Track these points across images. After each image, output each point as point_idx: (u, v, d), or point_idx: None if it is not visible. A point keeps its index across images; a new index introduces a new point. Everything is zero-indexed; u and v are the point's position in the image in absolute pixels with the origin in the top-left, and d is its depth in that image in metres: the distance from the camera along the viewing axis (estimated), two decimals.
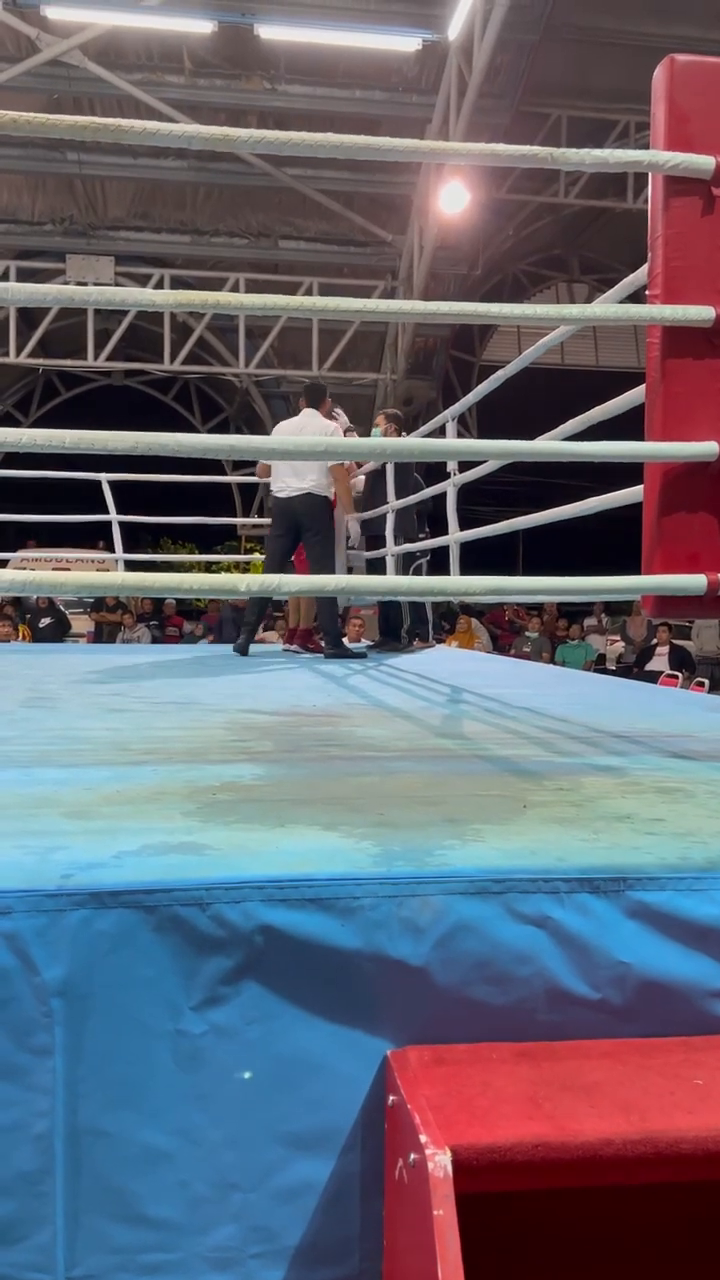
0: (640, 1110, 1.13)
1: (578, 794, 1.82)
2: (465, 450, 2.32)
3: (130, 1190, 1.22)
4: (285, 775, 2.05)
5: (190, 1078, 1.24)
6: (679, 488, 2.15)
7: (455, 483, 5.02)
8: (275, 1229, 1.25)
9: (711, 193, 2.12)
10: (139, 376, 18.38)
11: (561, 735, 2.72)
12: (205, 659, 6.53)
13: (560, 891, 1.31)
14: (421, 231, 14.34)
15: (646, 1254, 1.31)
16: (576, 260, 17.76)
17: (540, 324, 2.27)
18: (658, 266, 2.15)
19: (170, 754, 2.29)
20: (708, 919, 1.33)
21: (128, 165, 13.96)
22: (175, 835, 1.45)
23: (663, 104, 2.16)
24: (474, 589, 2.13)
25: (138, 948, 1.22)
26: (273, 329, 15.45)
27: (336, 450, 2.81)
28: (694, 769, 2.12)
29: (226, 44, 12.29)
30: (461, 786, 1.94)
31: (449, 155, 3.33)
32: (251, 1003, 1.25)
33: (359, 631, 8.65)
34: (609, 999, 1.31)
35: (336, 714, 3.27)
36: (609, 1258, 1.31)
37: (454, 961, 1.28)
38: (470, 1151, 1.06)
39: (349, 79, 12.81)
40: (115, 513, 7.43)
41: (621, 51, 11.62)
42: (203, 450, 1.96)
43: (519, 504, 7.32)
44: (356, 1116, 1.26)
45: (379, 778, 2.03)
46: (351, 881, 1.28)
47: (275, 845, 1.41)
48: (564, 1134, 1.09)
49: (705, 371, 2.14)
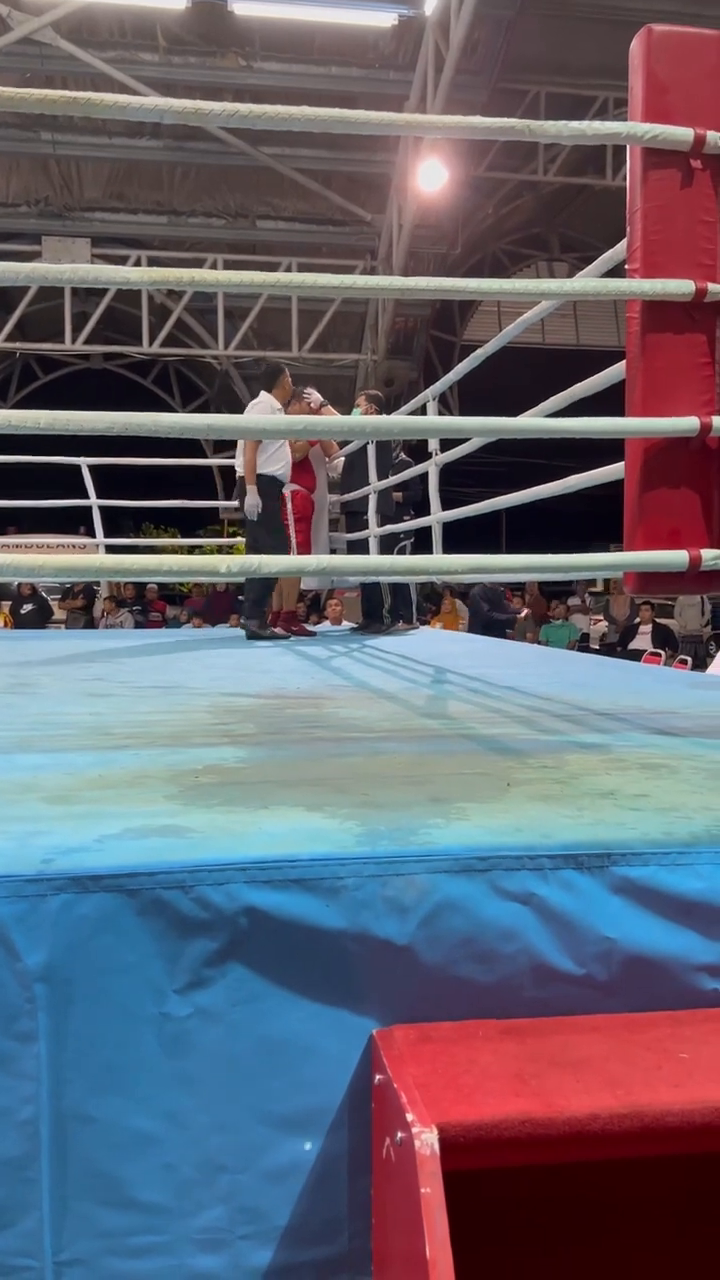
0: (626, 1085, 1.13)
1: (562, 771, 1.82)
2: (446, 428, 2.31)
3: (117, 1174, 1.22)
4: (269, 757, 2.04)
5: (176, 1061, 1.23)
6: (660, 463, 2.14)
7: (437, 462, 5.00)
8: (264, 1210, 1.25)
9: (690, 165, 2.11)
10: (118, 360, 18.22)
11: (545, 714, 2.72)
12: (188, 642, 6.51)
13: (545, 868, 1.31)
14: (400, 210, 14.24)
15: (633, 1228, 1.32)
16: (556, 238, 17.69)
17: (520, 298, 2.25)
18: (637, 240, 2.14)
19: (153, 738, 2.27)
20: (692, 893, 1.33)
21: (103, 145, 13.80)
22: (158, 819, 1.43)
23: (640, 75, 2.14)
24: (455, 567, 2.12)
25: (121, 932, 1.21)
26: (252, 310, 15.34)
27: (317, 428, 2.79)
28: (677, 745, 2.12)
29: (200, 21, 12.14)
30: (446, 766, 1.94)
31: (426, 129, 3.30)
32: (236, 985, 1.24)
33: (339, 612, 8.64)
34: (594, 975, 1.31)
35: (320, 696, 3.26)
36: (597, 1232, 1.32)
37: (439, 940, 1.28)
38: (457, 1129, 1.06)
39: (325, 56, 12.68)
40: (95, 497, 7.38)
41: (600, 26, 11.54)
42: (180, 430, 1.94)
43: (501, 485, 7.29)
44: (343, 1096, 1.26)
45: (363, 758, 2.03)
46: (336, 861, 1.27)
47: (258, 827, 1.40)
48: (551, 1110, 1.09)
49: (685, 346, 2.13)
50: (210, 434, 1.92)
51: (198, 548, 14.72)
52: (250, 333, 15.78)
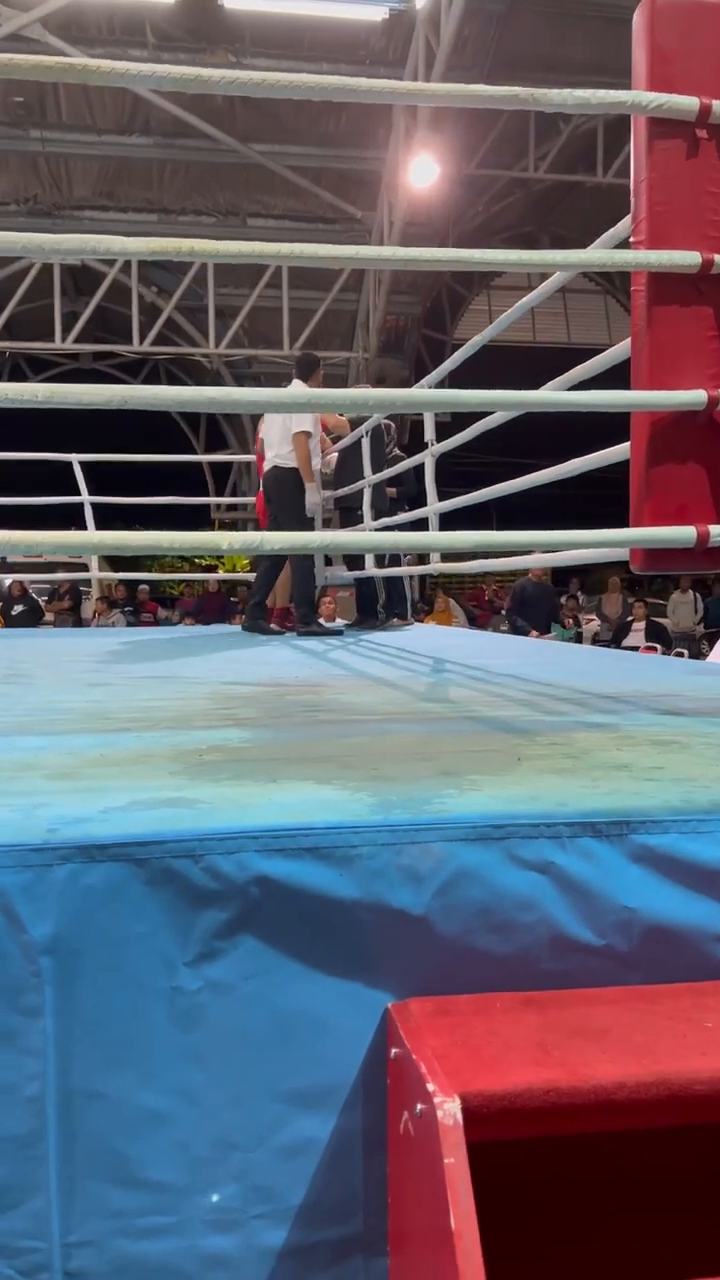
0: (652, 1053, 1.10)
1: (572, 748, 1.79)
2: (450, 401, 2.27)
3: (127, 1153, 1.18)
4: (273, 738, 2.01)
5: (187, 1036, 1.19)
6: (667, 438, 2.11)
7: (434, 453, 4.97)
8: (277, 1189, 1.22)
9: (696, 135, 2.08)
10: (108, 359, 18.15)
11: (549, 697, 2.69)
12: (182, 639, 6.47)
13: (562, 836, 1.28)
14: (391, 208, 14.21)
15: (656, 1199, 1.29)
16: (548, 236, 17.65)
17: (525, 269, 2.22)
18: (642, 211, 2.11)
19: (154, 722, 2.23)
20: (713, 861, 1.30)
21: (92, 143, 13.73)
22: (164, 791, 1.40)
23: (644, 45, 2.11)
24: (458, 543, 2.09)
25: (129, 902, 1.18)
26: (243, 309, 15.30)
27: (319, 401, 2.75)
28: (687, 724, 2.10)
29: (190, 16, 12.10)
30: (453, 744, 1.91)
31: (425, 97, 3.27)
32: (248, 957, 1.21)
33: (332, 610, 8.60)
34: (614, 945, 1.28)
35: (320, 683, 3.23)
36: (618, 1204, 1.29)
37: (455, 910, 1.25)
38: (480, 1099, 1.03)
39: (315, 52, 12.64)
40: (87, 494, 7.33)
41: (592, 23, 11.54)
42: (181, 404, 1.91)
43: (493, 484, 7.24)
44: (358, 1071, 1.23)
45: (370, 738, 2.00)
46: (349, 830, 1.24)
47: (268, 798, 1.36)
48: (576, 1078, 1.05)
49: (692, 318, 2.10)
50: (212, 408, 1.88)
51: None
52: (241, 331, 15.74)
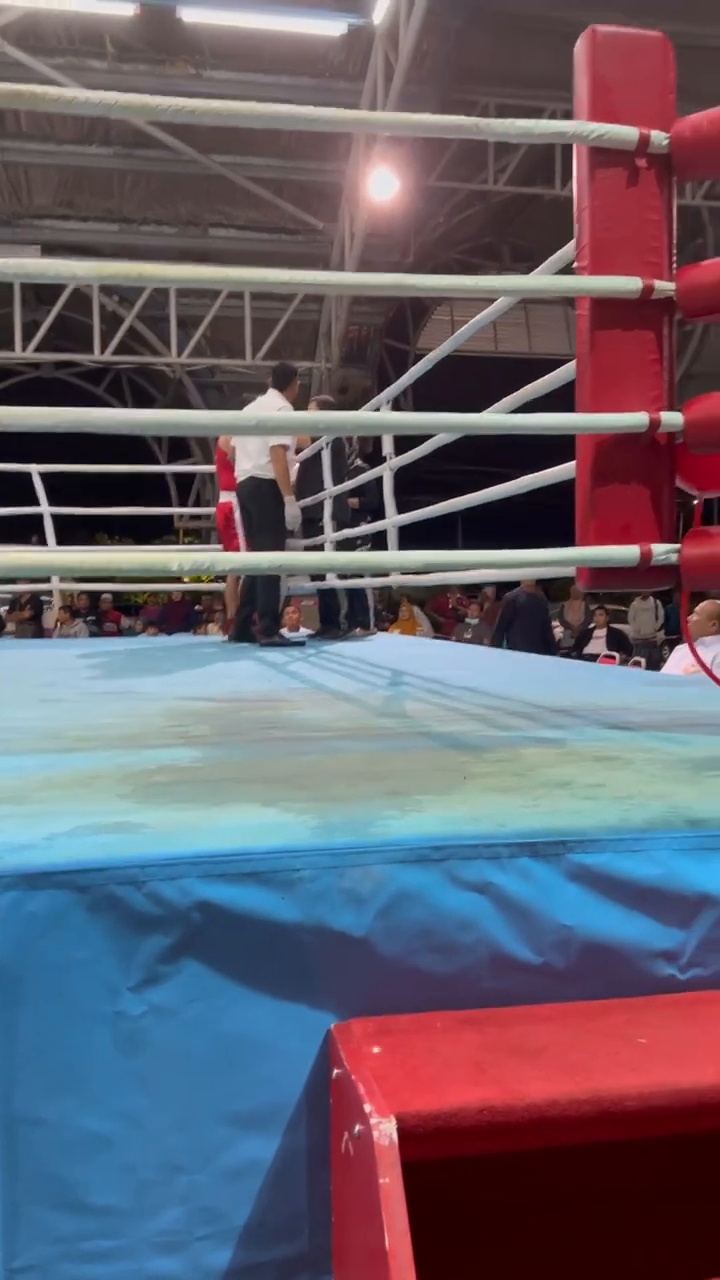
0: (586, 1070, 1.13)
1: (518, 764, 1.82)
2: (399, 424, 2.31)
3: (71, 1178, 1.19)
4: (224, 757, 2.02)
5: (130, 1060, 1.21)
6: (611, 459, 2.16)
7: (391, 466, 5.01)
8: (223, 1209, 1.23)
9: (636, 164, 2.13)
10: (70, 368, 18.07)
11: (501, 711, 2.73)
12: (143, 650, 6.45)
13: (501, 857, 1.31)
14: (352, 219, 14.29)
15: (599, 1215, 1.32)
16: (508, 248, 17.84)
17: (473, 295, 2.26)
18: (585, 238, 2.15)
19: (105, 741, 2.24)
20: (648, 879, 1.33)
21: (52, 152, 13.67)
22: (109, 816, 1.41)
23: (585, 75, 2.16)
24: (408, 563, 2.12)
25: (71, 929, 1.19)
26: (205, 318, 15.29)
27: (268, 424, 2.77)
28: (632, 739, 2.14)
29: (149, 28, 12.09)
30: (403, 762, 1.93)
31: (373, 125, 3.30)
32: (192, 981, 1.22)
33: (296, 620, 8.62)
34: (552, 963, 1.31)
35: (277, 698, 3.24)
36: (563, 1221, 1.31)
37: (397, 931, 1.27)
38: (416, 1118, 1.05)
39: (276, 65, 12.68)
40: (47, 505, 7.30)
41: (549, 38, 11.65)
42: (129, 427, 1.92)
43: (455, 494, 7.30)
44: (301, 1092, 1.24)
45: (320, 757, 2.01)
46: (290, 854, 1.26)
47: (213, 822, 1.38)
48: (510, 1096, 1.08)
49: (634, 342, 2.14)
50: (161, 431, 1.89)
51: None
52: (204, 340, 15.73)
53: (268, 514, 5.83)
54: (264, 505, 5.84)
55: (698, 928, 1.34)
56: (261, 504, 5.83)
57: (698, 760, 1.81)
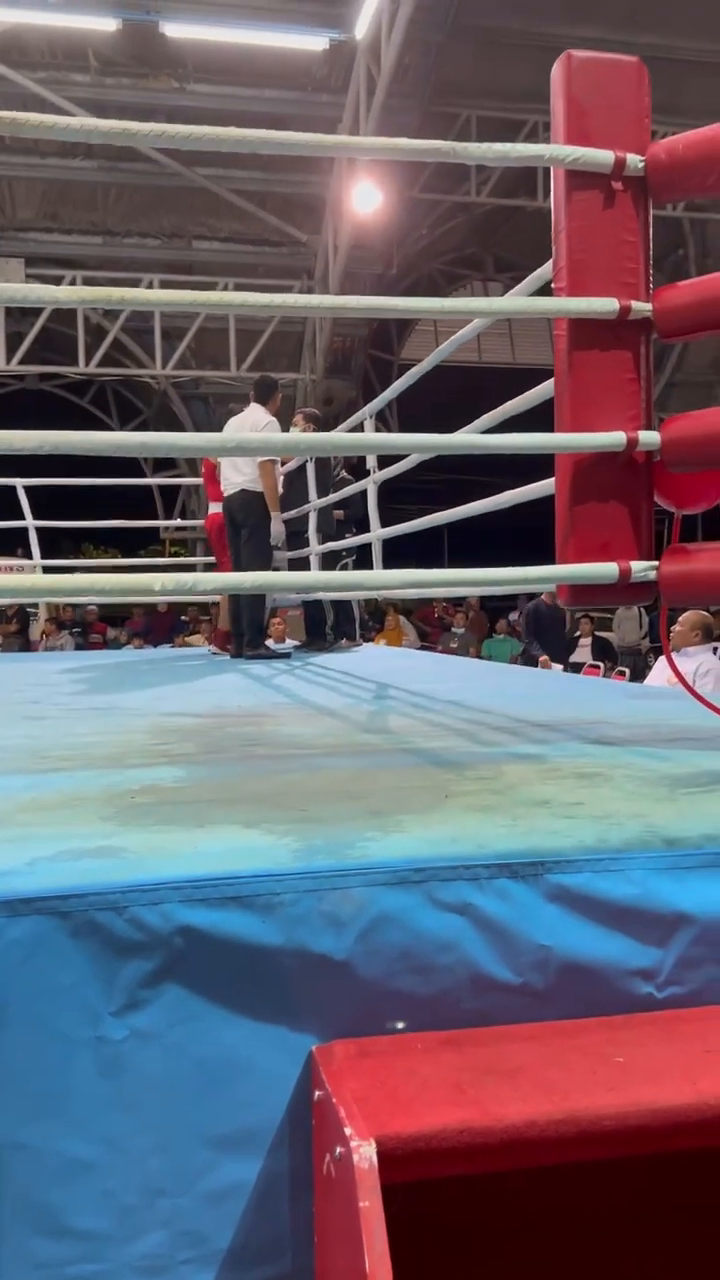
0: (563, 1090, 1.14)
1: (499, 782, 1.83)
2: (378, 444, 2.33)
3: (54, 1203, 1.20)
4: (207, 776, 2.03)
5: (113, 1084, 1.21)
6: (589, 478, 2.18)
7: (375, 480, 5.03)
8: (205, 1233, 1.24)
9: (612, 186, 2.15)
10: (54, 380, 18.05)
11: (484, 726, 2.74)
12: (129, 663, 6.45)
13: (480, 878, 1.32)
14: (335, 231, 14.34)
15: (574, 1234, 1.33)
16: (491, 259, 17.92)
17: (452, 317, 2.28)
18: (562, 260, 2.18)
19: (89, 759, 2.24)
20: (625, 899, 1.35)
21: (35, 165, 13.70)
22: (92, 840, 1.42)
23: (561, 99, 2.19)
24: (390, 583, 2.14)
25: (53, 955, 1.20)
26: (189, 330, 15.31)
27: (249, 445, 2.79)
28: (612, 754, 2.16)
29: (132, 42, 12.14)
30: (385, 780, 1.94)
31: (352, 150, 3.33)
32: (173, 1005, 1.23)
33: (282, 632, 8.63)
34: (531, 983, 1.32)
35: (261, 714, 3.25)
36: (540, 1239, 1.33)
37: (377, 953, 1.28)
38: (395, 1141, 1.06)
39: (258, 78, 12.75)
40: (31, 518, 7.29)
41: (530, 52, 11.73)
42: (113, 449, 1.93)
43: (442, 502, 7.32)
44: (283, 1114, 1.25)
45: (302, 775, 2.03)
46: (272, 878, 1.27)
47: (194, 846, 1.39)
48: (488, 1118, 1.09)
49: (611, 362, 2.17)
50: (144, 452, 1.91)
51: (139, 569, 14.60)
52: (188, 352, 15.74)
53: (261, 527, 5.89)
54: (257, 519, 5.88)
55: (675, 946, 1.35)
56: (255, 518, 5.88)
57: (676, 777, 1.83)
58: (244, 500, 5.89)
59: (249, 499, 5.87)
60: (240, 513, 5.92)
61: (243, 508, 5.90)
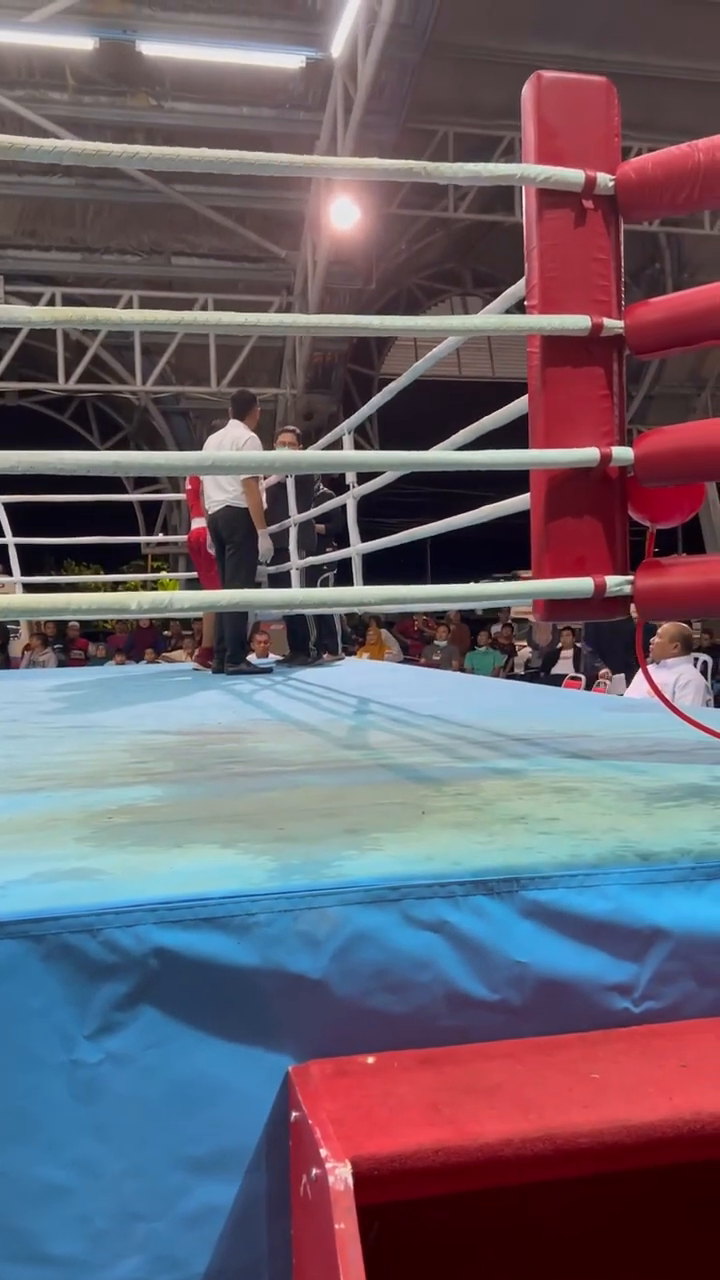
0: (539, 1108, 1.14)
1: (476, 798, 1.84)
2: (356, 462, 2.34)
3: (28, 1229, 1.18)
4: (185, 795, 2.03)
5: (87, 1108, 1.20)
6: (564, 493, 2.19)
7: (355, 495, 5.04)
8: (182, 1257, 1.23)
9: (583, 205, 2.18)
10: (34, 396, 18.02)
11: (464, 741, 2.75)
12: (110, 680, 6.43)
13: (456, 895, 1.32)
14: (314, 247, 14.41)
15: (553, 1252, 1.33)
16: (469, 274, 18.04)
17: (430, 334, 2.29)
18: (534, 278, 2.20)
19: (67, 779, 2.24)
20: (600, 914, 1.35)
21: (13, 183, 13.70)
22: (66, 862, 1.41)
23: (532, 120, 2.21)
24: (369, 599, 2.14)
25: (26, 978, 1.19)
26: (169, 346, 15.33)
27: (224, 464, 2.79)
28: (590, 768, 2.16)
29: (110, 61, 12.19)
30: (363, 797, 1.94)
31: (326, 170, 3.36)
32: (148, 1027, 1.23)
33: (265, 646, 8.63)
34: (508, 999, 1.32)
35: (241, 730, 3.25)
36: (517, 1257, 1.32)
37: (353, 972, 1.28)
38: (371, 1162, 1.06)
39: (236, 96, 12.82)
40: (11, 534, 7.27)
41: (505, 69, 11.84)
42: (87, 468, 1.93)
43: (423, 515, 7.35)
44: (260, 1136, 1.25)
45: (281, 792, 2.02)
46: (246, 898, 1.27)
47: (170, 866, 1.39)
48: (464, 1137, 1.09)
49: (584, 379, 2.19)
50: (118, 471, 1.91)
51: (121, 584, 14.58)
52: (168, 368, 15.75)
53: (248, 542, 5.90)
54: (243, 534, 5.89)
55: (650, 961, 1.36)
56: (240, 534, 5.88)
57: (652, 791, 1.84)
58: (229, 517, 5.89)
59: (234, 515, 5.88)
60: (226, 529, 5.93)
61: (228, 524, 5.91)
